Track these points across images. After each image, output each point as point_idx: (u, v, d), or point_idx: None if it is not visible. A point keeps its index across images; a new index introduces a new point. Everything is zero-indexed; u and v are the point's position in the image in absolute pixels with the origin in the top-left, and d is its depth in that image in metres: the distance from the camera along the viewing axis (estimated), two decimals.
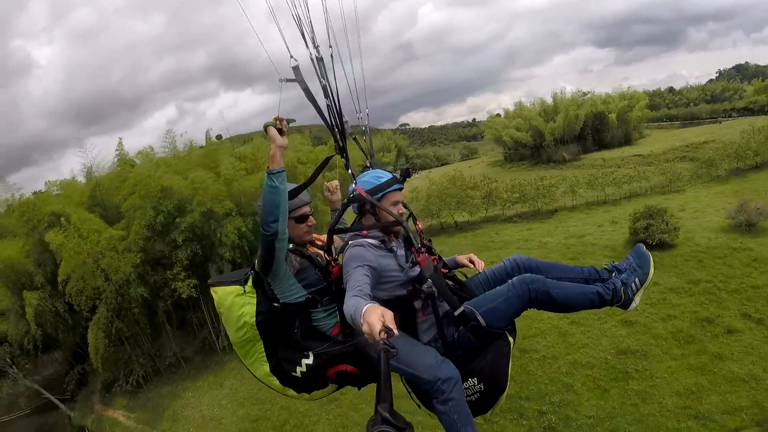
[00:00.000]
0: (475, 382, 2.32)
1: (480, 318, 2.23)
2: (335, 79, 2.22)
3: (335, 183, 2.94)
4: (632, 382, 11.70)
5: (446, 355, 2.25)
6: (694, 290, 15.14)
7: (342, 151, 2.31)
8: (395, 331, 1.44)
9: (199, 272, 15.59)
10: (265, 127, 1.98)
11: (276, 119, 1.97)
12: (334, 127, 2.23)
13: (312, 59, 2.12)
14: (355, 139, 2.81)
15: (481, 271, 2.58)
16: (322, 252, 2.41)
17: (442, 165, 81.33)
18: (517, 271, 2.50)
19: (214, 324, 16.42)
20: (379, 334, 1.41)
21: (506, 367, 2.35)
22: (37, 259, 15.38)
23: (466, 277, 2.69)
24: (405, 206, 2.51)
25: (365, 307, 1.62)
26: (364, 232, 2.26)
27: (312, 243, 2.50)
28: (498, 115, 65.32)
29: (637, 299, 2.33)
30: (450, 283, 2.52)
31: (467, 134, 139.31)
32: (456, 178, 32.43)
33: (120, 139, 18.16)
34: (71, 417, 16.25)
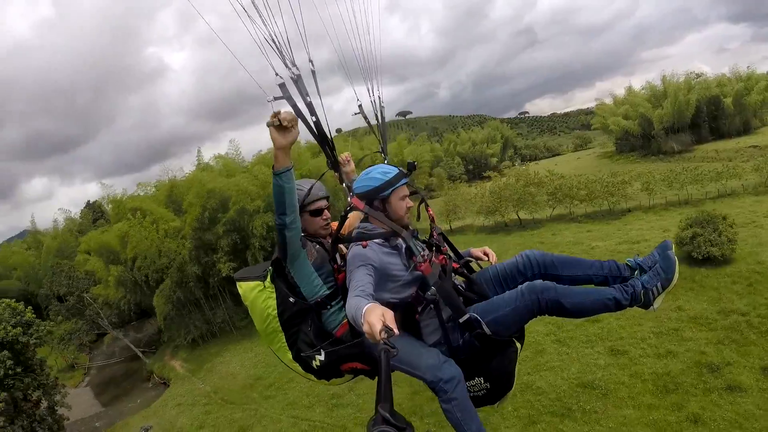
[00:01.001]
0: (482, 381, 2.37)
1: (485, 328, 2.22)
2: (319, 94, 2.20)
3: (347, 155, 2.94)
4: (568, 422, 10.50)
5: (451, 357, 2.29)
6: (719, 324, 12.72)
7: (334, 166, 2.33)
8: (395, 331, 1.45)
9: (241, 257, 19.67)
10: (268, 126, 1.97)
11: (274, 117, 1.94)
12: (324, 143, 2.22)
13: (293, 79, 2.08)
14: (369, 124, 2.94)
15: (493, 263, 2.56)
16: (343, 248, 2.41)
17: (553, 156, 78.58)
18: (529, 268, 2.45)
19: None
20: (380, 333, 1.43)
21: (512, 369, 2.38)
22: (122, 242, 20.68)
23: (481, 267, 2.68)
24: (423, 199, 2.61)
25: (366, 307, 1.63)
26: (364, 243, 2.21)
27: (330, 236, 2.52)
28: (604, 102, 60.50)
29: (658, 303, 2.22)
30: (460, 279, 2.53)
31: (588, 122, 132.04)
32: (521, 174, 32.49)
33: (198, 149, 23.27)
34: (146, 364, 21.60)
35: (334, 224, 2.48)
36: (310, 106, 2.08)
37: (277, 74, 2.00)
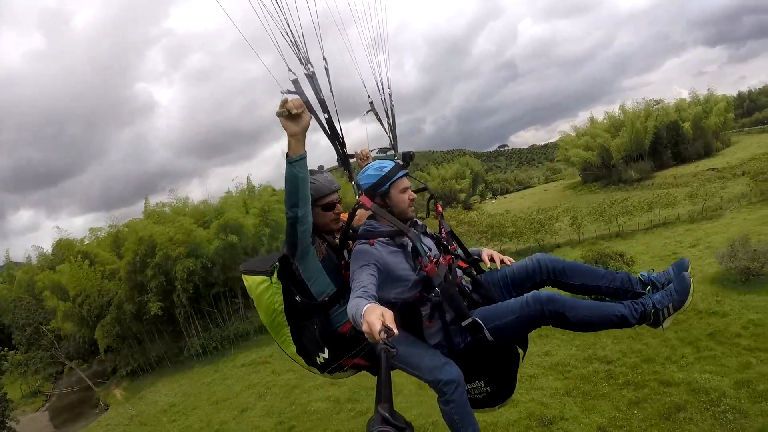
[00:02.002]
0: (482, 384, 2.46)
1: (487, 333, 2.26)
2: (332, 91, 2.25)
3: (366, 150, 3.03)
4: None
5: (452, 359, 2.35)
6: (576, 372, 12.14)
7: (344, 164, 2.43)
8: (395, 331, 1.49)
9: (168, 297, 22.97)
10: (278, 116, 2.01)
11: (282, 107, 1.98)
12: (335, 140, 2.28)
13: (308, 75, 2.17)
14: (379, 119, 3.06)
15: (499, 267, 2.60)
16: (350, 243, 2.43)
17: (525, 188, 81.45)
18: (538, 273, 2.48)
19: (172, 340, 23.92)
20: (379, 333, 1.47)
21: (513, 375, 2.46)
22: (68, 281, 24.20)
23: (491, 267, 2.69)
24: (432, 196, 2.69)
25: (365, 307, 1.68)
26: (372, 241, 2.25)
27: (339, 231, 2.59)
28: (568, 134, 62.77)
29: (668, 323, 2.22)
30: (467, 279, 2.57)
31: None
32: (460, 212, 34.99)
33: (146, 196, 26.95)
34: (95, 392, 24.97)
35: (344, 215, 2.56)
36: (323, 103, 2.15)
37: (290, 70, 2.07)
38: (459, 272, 2.56)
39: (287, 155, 2.09)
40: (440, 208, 2.77)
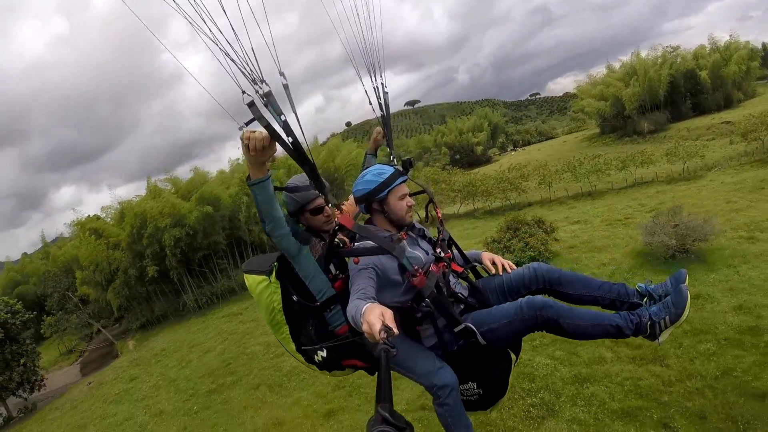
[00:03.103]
0: (475, 386, 2.55)
1: (480, 338, 2.36)
2: (295, 112, 2.15)
3: (379, 129, 3.21)
4: None
5: (447, 361, 2.48)
6: None
7: (318, 187, 2.30)
8: (395, 330, 1.57)
9: (162, 263, 28.00)
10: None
11: (245, 138, 2.06)
12: (303, 163, 2.20)
13: (263, 96, 2.03)
14: (380, 117, 3.07)
15: (501, 273, 2.69)
16: (347, 240, 2.53)
17: (546, 140, 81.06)
18: (534, 282, 2.60)
19: (176, 296, 29.08)
20: (379, 333, 1.55)
21: (505, 379, 2.57)
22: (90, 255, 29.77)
23: (489, 273, 2.80)
24: (432, 199, 2.81)
25: (365, 307, 1.79)
26: (356, 260, 2.33)
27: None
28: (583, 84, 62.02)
29: (664, 336, 2.28)
30: (463, 283, 2.69)
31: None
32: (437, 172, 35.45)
33: (148, 175, 31.93)
34: (115, 345, 30.78)
35: (340, 216, 2.54)
36: (285, 125, 2.06)
37: (244, 92, 1.98)
38: (454, 278, 2.63)
39: (247, 177, 2.21)
40: (440, 214, 2.85)
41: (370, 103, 3.00)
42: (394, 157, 2.94)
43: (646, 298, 2.45)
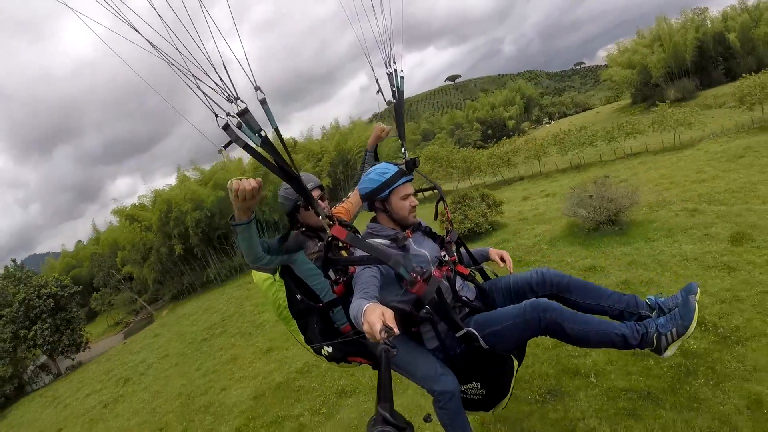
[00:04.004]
0: (478, 386, 2.60)
1: (482, 342, 2.40)
2: (275, 126, 2.18)
3: (389, 129, 3.31)
4: None
5: (448, 365, 2.53)
6: None
7: (307, 201, 2.36)
8: (396, 330, 1.60)
9: (187, 241, 33.32)
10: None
11: (233, 186, 2.14)
12: (291, 180, 2.24)
13: (240, 114, 2.04)
14: (395, 106, 3.03)
15: (511, 271, 2.78)
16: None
17: (584, 111, 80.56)
18: (542, 287, 2.63)
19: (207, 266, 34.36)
20: (380, 333, 1.58)
21: (508, 383, 2.60)
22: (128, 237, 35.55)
23: (496, 274, 2.88)
24: (442, 197, 2.84)
25: (366, 307, 1.82)
26: (352, 269, 2.38)
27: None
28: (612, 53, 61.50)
29: (671, 350, 2.28)
30: (470, 285, 2.74)
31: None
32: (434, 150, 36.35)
33: (178, 166, 37.14)
34: (152, 314, 36.57)
35: (337, 210, 2.94)
36: (266, 141, 2.05)
37: (217, 116, 1.97)
38: (460, 281, 2.68)
39: (231, 218, 2.30)
40: (449, 213, 2.86)
41: (379, 91, 2.94)
42: (405, 150, 2.95)
43: (655, 311, 2.44)
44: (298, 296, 2.77)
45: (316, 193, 2.76)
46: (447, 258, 2.64)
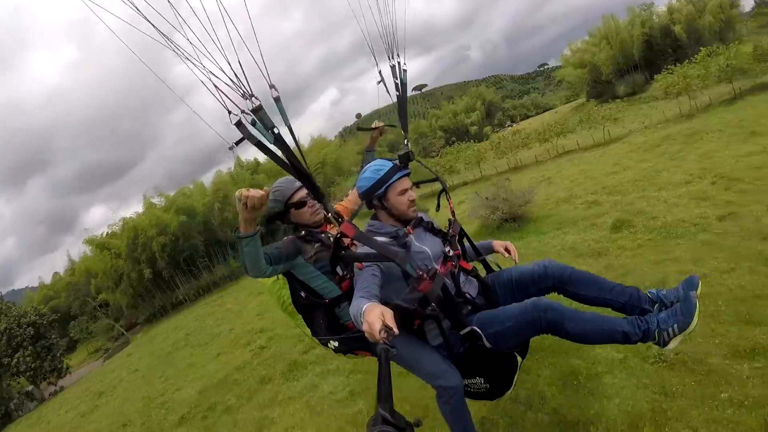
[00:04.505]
0: (482, 381, 2.64)
1: (485, 341, 2.44)
2: (288, 124, 2.26)
3: (383, 127, 3.42)
4: None
5: (452, 361, 2.58)
6: None
7: (316, 197, 2.42)
8: (395, 330, 1.65)
9: (155, 265, 35.77)
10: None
11: (242, 195, 2.16)
12: (300, 176, 2.30)
13: (254, 110, 2.14)
14: (398, 98, 3.10)
15: (516, 261, 2.84)
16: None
17: (545, 111, 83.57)
18: (544, 279, 2.67)
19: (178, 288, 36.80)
20: (379, 333, 1.63)
21: (512, 377, 2.64)
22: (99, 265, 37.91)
23: (500, 267, 2.94)
24: (444, 189, 2.94)
25: (365, 307, 1.87)
26: (360, 265, 2.41)
27: (326, 220, 2.93)
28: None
29: (674, 344, 2.31)
30: (473, 279, 2.78)
31: None
32: None
33: (144, 194, 39.75)
34: (123, 334, 38.86)
35: (338, 206, 2.95)
36: (278, 138, 2.15)
37: (230, 112, 2.04)
38: (463, 276, 2.72)
39: (236, 229, 2.30)
40: (452, 205, 2.96)
41: (381, 80, 3.04)
42: (408, 141, 3.01)
43: (657, 305, 2.46)
44: (303, 294, 2.80)
45: (300, 195, 2.88)
46: (451, 253, 2.67)
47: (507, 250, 2.91)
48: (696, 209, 8.03)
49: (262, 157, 50.62)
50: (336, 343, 2.82)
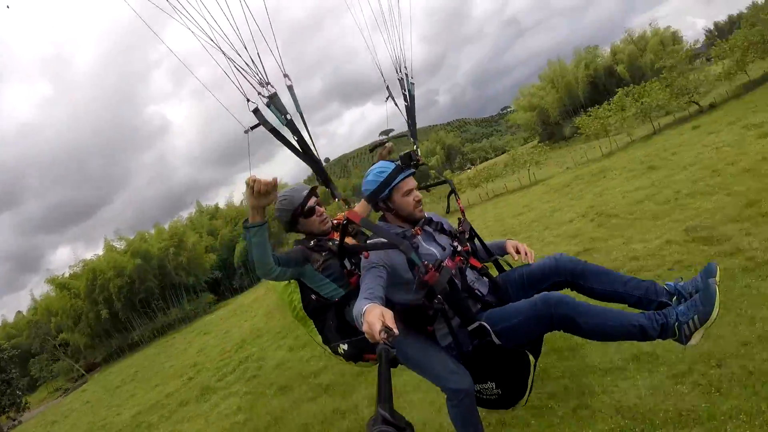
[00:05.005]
0: (493, 386, 2.57)
1: (494, 338, 2.37)
2: (299, 111, 2.39)
3: (390, 145, 3.39)
4: None
5: (461, 362, 2.52)
6: None
7: (326, 183, 2.58)
8: (395, 331, 1.66)
9: (112, 306, 38.37)
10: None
11: (251, 180, 2.16)
12: (311, 161, 2.45)
13: (270, 96, 2.30)
14: (406, 108, 3.26)
15: (531, 262, 2.68)
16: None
17: (502, 153, 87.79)
18: (556, 273, 2.59)
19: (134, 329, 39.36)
20: (379, 333, 1.64)
21: (525, 381, 2.53)
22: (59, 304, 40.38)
23: (511, 266, 2.87)
24: (453, 190, 2.97)
25: (365, 307, 1.88)
26: (366, 254, 2.41)
27: (335, 229, 2.93)
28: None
29: (696, 339, 2.18)
30: (484, 278, 2.69)
31: None
32: None
33: (105, 238, 42.64)
34: (84, 375, 41.06)
35: (340, 217, 2.83)
36: (290, 123, 2.27)
37: (248, 100, 2.18)
38: (473, 274, 2.66)
39: (245, 221, 2.31)
40: (461, 205, 3.00)
41: (387, 86, 3.22)
42: (417, 148, 3.08)
43: (675, 297, 2.35)
44: (313, 296, 2.83)
45: (309, 202, 2.90)
46: (459, 248, 2.64)
47: (517, 250, 2.77)
48: (564, 247, 8.71)
49: (222, 203, 54.31)
50: (345, 347, 2.84)
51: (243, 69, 2.18)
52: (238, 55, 2.12)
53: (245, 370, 11.13)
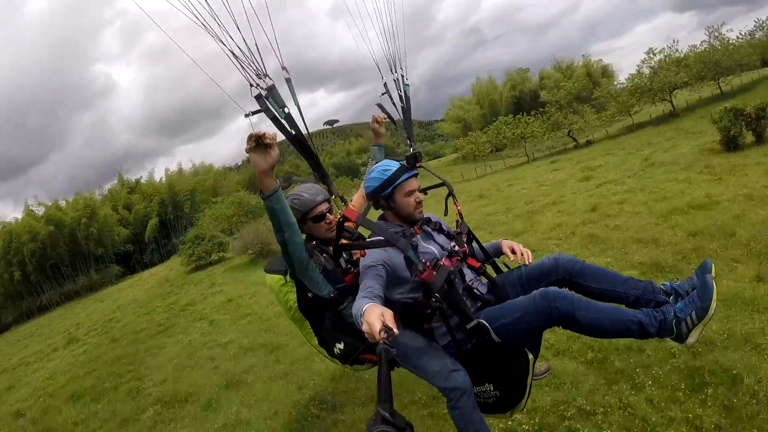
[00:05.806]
0: (491, 388, 2.59)
1: (493, 335, 2.40)
2: (297, 105, 2.44)
3: (383, 115, 3.46)
4: None
5: (460, 362, 2.55)
6: None
7: (322, 178, 2.60)
8: (395, 331, 1.68)
9: (26, 269, 42.62)
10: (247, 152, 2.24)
11: (252, 139, 2.18)
12: (307, 156, 2.46)
13: (268, 89, 2.33)
14: (401, 107, 3.44)
15: (528, 263, 2.73)
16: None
17: (435, 158, 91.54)
18: (554, 272, 2.66)
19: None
20: (379, 333, 1.66)
21: (524, 381, 2.55)
22: None
23: (509, 267, 2.92)
24: (451, 192, 3.03)
25: (365, 307, 1.90)
26: (362, 252, 2.54)
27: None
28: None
29: (694, 337, 2.26)
30: (484, 279, 2.77)
31: None
32: None
33: (26, 201, 46.57)
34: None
35: (345, 208, 2.74)
36: (289, 117, 2.32)
37: (252, 85, 2.24)
38: (471, 274, 2.73)
39: (261, 192, 2.38)
40: (459, 207, 3.03)
41: (384, 84, 3.38)
42: (414, 149, 3.13)
43: (672, 297, 2.44)
44: (309, 294, 2.85)
45: (323, 208, 2.93)
46: (457, 248, 2.70)
47: (513, 251, 2.81)
48: None
49: (158, 175, 58.87)
50: (341, 346, 2.88)
51: (243, 60, 2.29)
52: (238, 47, 2.26)
53: (103, 327, 16.25)
